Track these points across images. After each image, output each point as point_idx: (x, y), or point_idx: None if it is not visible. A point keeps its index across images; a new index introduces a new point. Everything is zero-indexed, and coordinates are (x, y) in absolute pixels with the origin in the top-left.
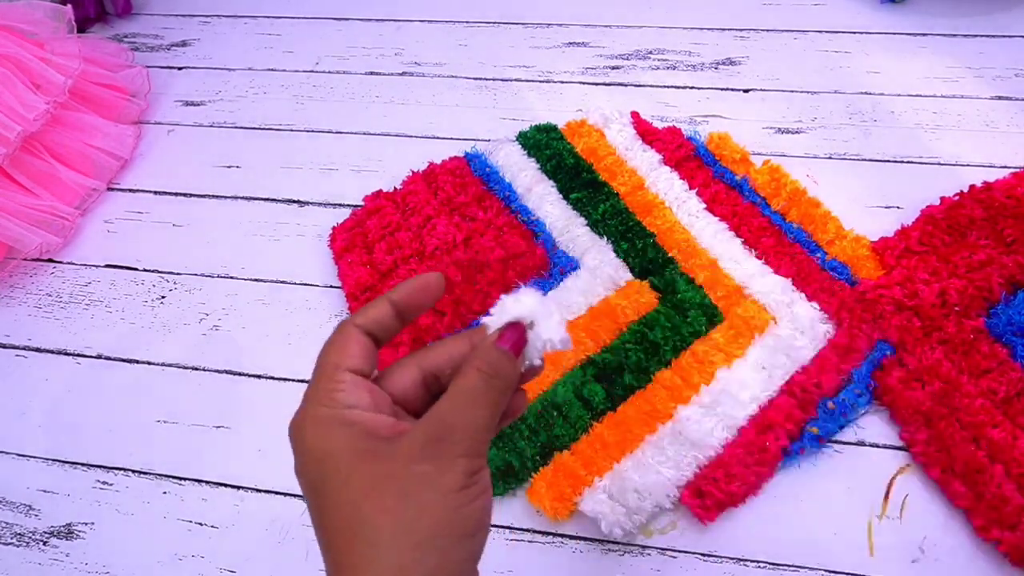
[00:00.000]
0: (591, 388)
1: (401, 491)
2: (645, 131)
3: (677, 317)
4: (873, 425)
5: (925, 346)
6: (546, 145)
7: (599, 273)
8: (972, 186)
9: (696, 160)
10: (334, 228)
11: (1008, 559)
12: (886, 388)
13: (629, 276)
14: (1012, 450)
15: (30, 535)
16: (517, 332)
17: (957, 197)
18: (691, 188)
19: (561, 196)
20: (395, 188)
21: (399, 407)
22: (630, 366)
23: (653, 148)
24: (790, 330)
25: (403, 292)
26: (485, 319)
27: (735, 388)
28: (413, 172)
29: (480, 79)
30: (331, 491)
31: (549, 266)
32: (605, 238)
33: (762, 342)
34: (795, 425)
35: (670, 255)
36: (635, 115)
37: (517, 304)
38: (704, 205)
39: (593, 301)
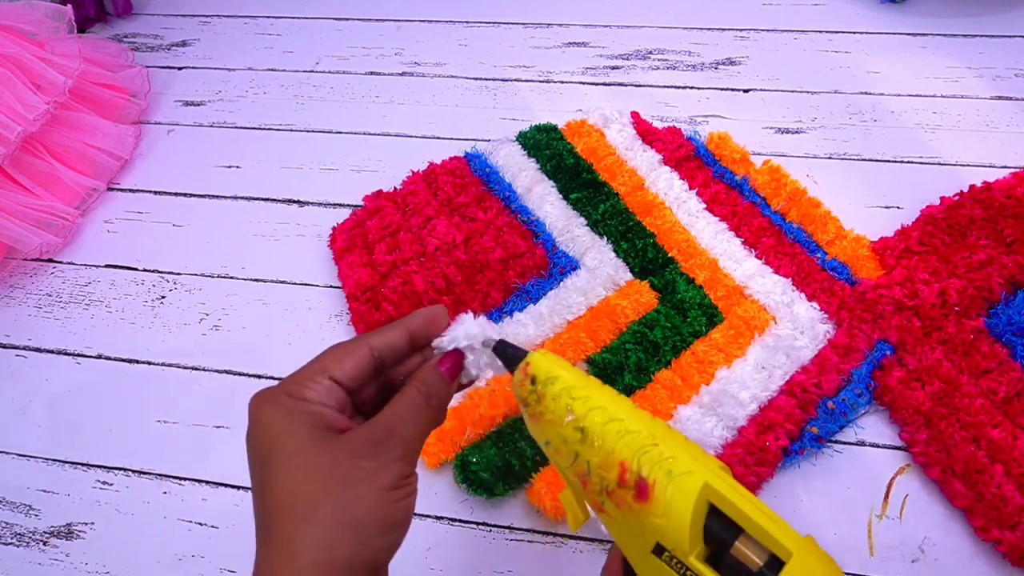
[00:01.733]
0: None
1: (342, 479)
2: (645, 131)
3: (677, 317)
4: (873, 425)
5: (925, 346)
6: (546, 145)
7: (599, 273)
8: (972, 186)
9: (696, 160)
10: (334, 228)
11: (1008, 559)
12: (886, 388)
13: (629, 276)
14: (1012, 450)
15: (30, 535)
16: (454, 358)
17: (957, 197)
18: (691, 188)
19: (561, 196)
20: (395, 188)
21: (353, 397)
22: (630, 366)
23: (653, 148)
24: (790, 330)
25: (417, 321)
26: (436, 340)
27: (735, 388)
28: (413, 172)
29: (480, 79)
30: (278, 466)
31: (549, 266)
32: (605, 238)
33: (762, 342)
34: (795, 425)
35: (670, 255)
36: (635, 115)
37: (460, 328)
38: (704, 205)
39: (593, 301)
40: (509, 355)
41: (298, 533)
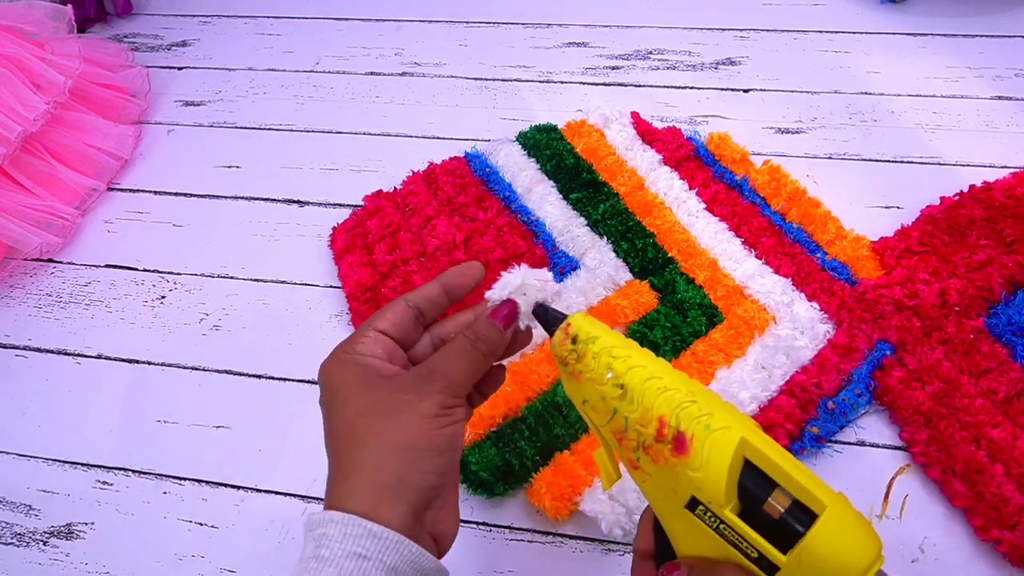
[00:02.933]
0: None
1: (388, 411)
2: (645, 131)
3: (677, 317)
4: (873, 425)
5: (925, 346)
6: (546, 145)
7: (599, 273)
8: (972, 186)
9: (696, 160)
10: (334, 228)
11: (1008, 559)
12: (886, 388)
13: (629, 276)
14: (1012, 450)
15: (30, 535)
16: (508, 307)
17: (957, 197)
18: (691, 188)
19: (561, 196)
20: (395, 188)
21: (406, 357)
22: None
23: (653, 148)
24: (790, 330)
25: (450, 275)
26: (487, 292)
27: (735, 388)
28: (413, 172)
29: (480, 79)
30: (337, 410)
31: (549, 266)
32: (605, 238)
33: (762, 342)
34: (795, 425)
35: (670, 255)
36: (635, 115)
37: (511, 276)
38: (704, 205)
39: (593, 301)
40: (550, 317)
41: (352, 459)
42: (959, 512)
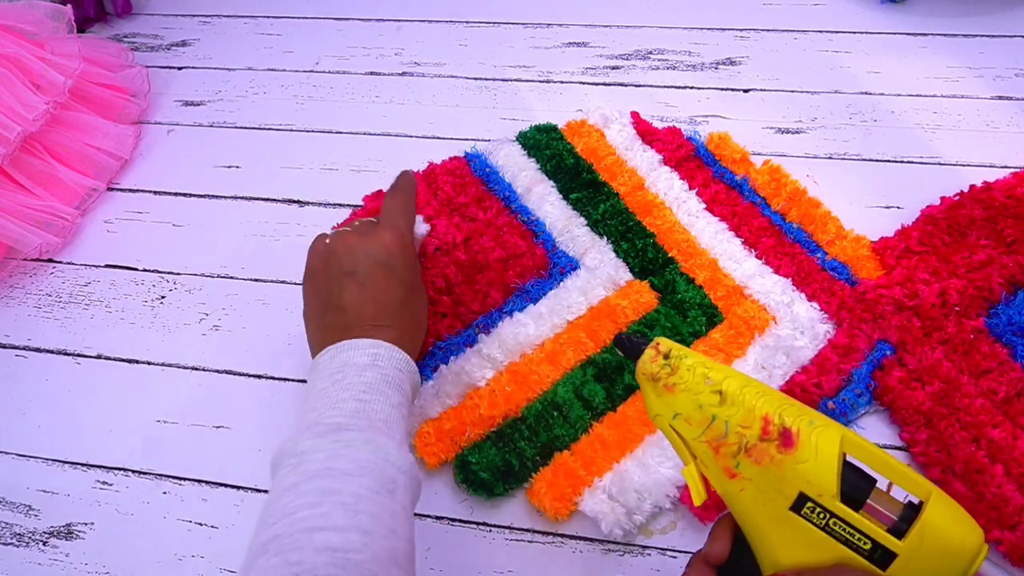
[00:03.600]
0: (591, 388)
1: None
2: (645, 131)
3: (677, 317)
4: (873, 425)
5: (925, 346)
6: (546, 145)
7: (599, 273)
8: (972, 186)
9: (696, 160)
10: (333, 228)
11: (1008, 559)
12: (886, 388)
13: (629, 276)
14: (1012, 450)
15: (30, 535)
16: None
17: (957, 197)
18: (691, 188)
19: (561, 196)
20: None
21: None
22: (630, 366)
23: (653, 148)
24: (790, 330)
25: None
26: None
27: None
28: (414, 173)
29: (480, 79)
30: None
31: (549, 266)
32: (605, 238)
33: (762, 342)
34: None
35: (670, 255)
36: (635, 115)
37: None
38: (704, 205)
39: (593, 301)
40: (635, 343)
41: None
42: None
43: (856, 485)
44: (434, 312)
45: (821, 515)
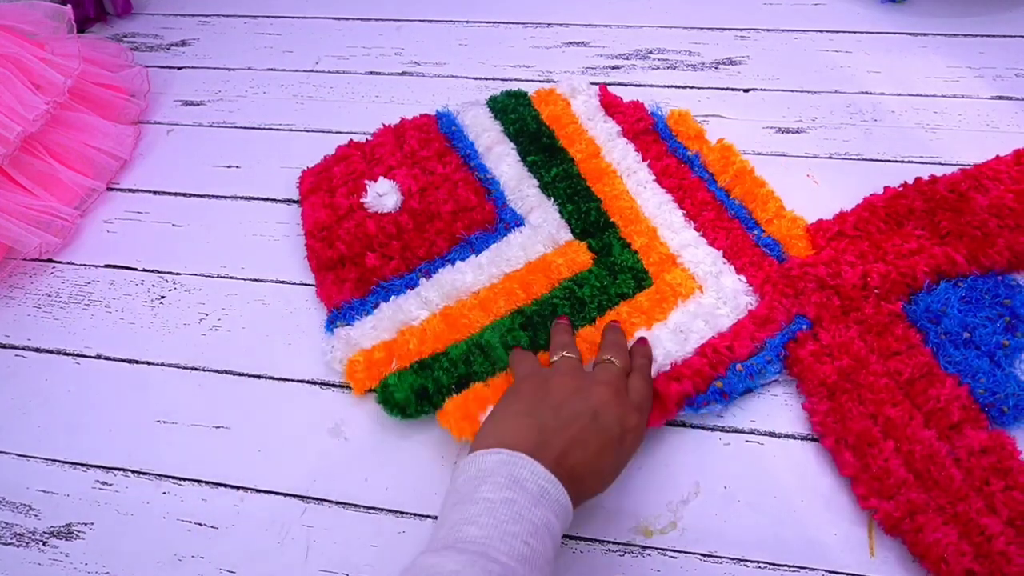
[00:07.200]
0: (516, 335)
1: (617, 394)
2: (609, 103)
3: (608, 278)
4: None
5: (841, 324)
6: (512, 110)
7: (541, 231)
8: (918, 178)
9: (654, 134)
10: (304, 171)
11: (882, 527)
12: (796, 359)
13: (569, 236)
14: (906, 428)
15: (30, 535)
16: None
17: (902, 187)
18: (644, 160)
19: (519, 158)
20: (367, 139)
21: None
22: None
23: (614, 120)
24: (714, 300)
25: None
26: None
27: (651, 345)
28: (384, 126)
29: (480, 79)
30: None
31: (496, 221)
32: (552, 199)
33: (684, 308)
34: (703, 380)
35: (612, 220)
36: (603, 88)
37: None
38: (654, 177)
39: (531, 256)
40: None
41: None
42: (846, 481)
43: None
44: (382, 255)
45: None
